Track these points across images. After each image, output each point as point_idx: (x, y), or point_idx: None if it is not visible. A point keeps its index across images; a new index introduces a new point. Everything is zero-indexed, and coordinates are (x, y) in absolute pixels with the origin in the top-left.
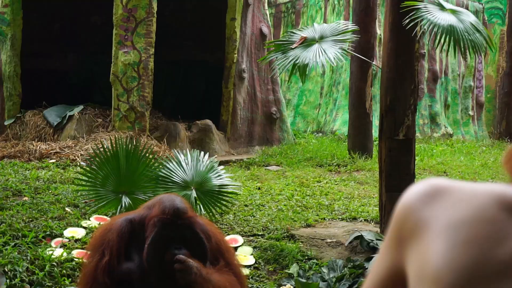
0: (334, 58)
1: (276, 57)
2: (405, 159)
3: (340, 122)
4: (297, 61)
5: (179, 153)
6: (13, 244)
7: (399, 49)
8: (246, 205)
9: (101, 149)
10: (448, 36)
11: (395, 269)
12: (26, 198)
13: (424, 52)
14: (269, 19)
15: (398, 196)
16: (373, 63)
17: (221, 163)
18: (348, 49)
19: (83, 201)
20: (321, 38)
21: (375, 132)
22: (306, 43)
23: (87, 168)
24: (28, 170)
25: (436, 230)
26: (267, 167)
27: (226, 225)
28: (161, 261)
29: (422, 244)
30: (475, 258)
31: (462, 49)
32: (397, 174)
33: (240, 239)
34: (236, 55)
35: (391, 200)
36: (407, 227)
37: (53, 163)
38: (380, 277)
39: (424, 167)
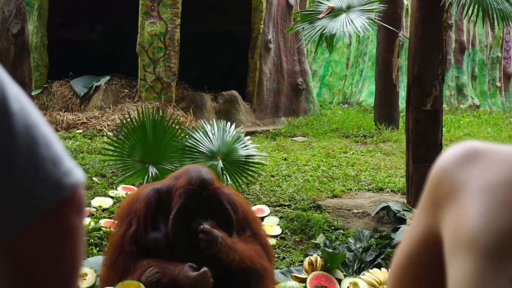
0: (361, 28)
1: (303, 28)
2: (432, 130)
3: (366, 93)
4: (324, 31)
5: (205, 124)
6: None
7: (427, 19)
8: (272, 176)
9: (128, 119)
10: (476, 5)
11: (430, 232)
12: None
13: (452, 22)
14: None
15: (425, 167)
16: (400, 33)
17: (247, 134)
18: (375, 19)
19: (110, 171)
20: (348, 8)
21: (401, 103)
22: (333, 13)
23: (114, 138)
24: None
25: (472, 192)
26: (293, 138)
27: (253, 195)
28: (186, 231)
29: (457, 207)
30: (511, 220)
31: (491, 19)
32: (424, 144)
33: (266, 209)
34: (262, 25)
35: (418, 170)
36: (443, 190)
37: (80, 133)
38: (415, 241)
39: (450, 138)
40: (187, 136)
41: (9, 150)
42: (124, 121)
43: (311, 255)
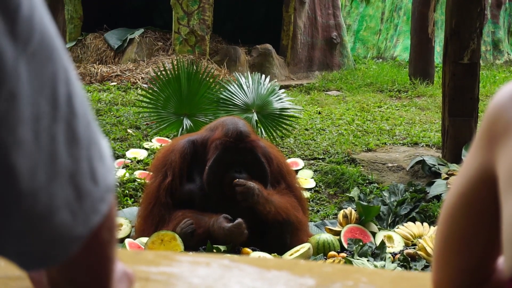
0: None
1: None
2: (469, 84)
3: (401, 48)
4: None
5: (240, 76)
6: None
7: None
8: (306, 129)
9: (163, 71)
10: None
11: (485, 169)
12: None
13: None
14: None
15: (461, 121)
16: None
17: (281, 87)
18: None
19: (145, 123)
20: None
21: (436, 58)
22: None
23: (149, 90)
24: (90, 93)
25: None
26: (327, 92)
27: (287, 148)
28: (221, 183)
29: None
30: None
31: None
32: (460, 98)
33: (301, 162)
34: None
35: (454, 124)
36: (498, 127)
37: (114, 85)
38: (469, 179)
39: (486, 93)
40: (221, 89)
41: (76, 154)
42: (159, 73)
43: (346, 208)
